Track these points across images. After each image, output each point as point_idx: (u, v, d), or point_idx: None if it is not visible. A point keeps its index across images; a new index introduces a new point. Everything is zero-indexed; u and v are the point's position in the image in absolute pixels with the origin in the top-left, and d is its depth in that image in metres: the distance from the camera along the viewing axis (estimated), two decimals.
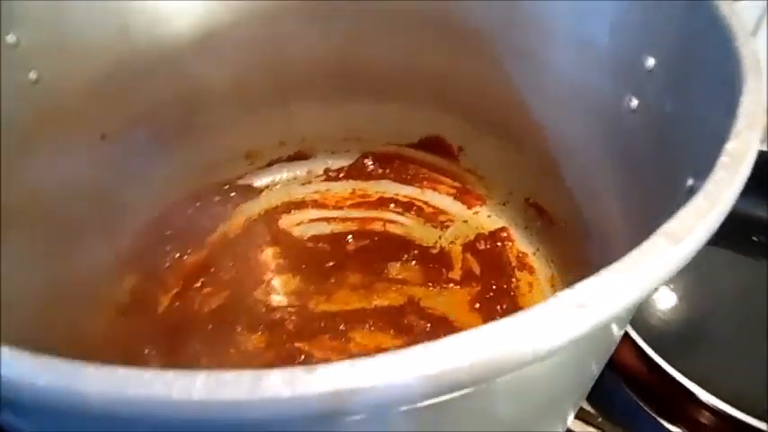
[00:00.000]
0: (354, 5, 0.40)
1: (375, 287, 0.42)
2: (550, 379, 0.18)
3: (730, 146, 0.17)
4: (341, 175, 0.50)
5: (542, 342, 0.13)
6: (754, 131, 0.17)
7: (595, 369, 0.23)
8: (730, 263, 0.45)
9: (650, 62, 0.28)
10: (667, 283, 0.44)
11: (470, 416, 0.17)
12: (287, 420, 0.13)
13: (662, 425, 0.37)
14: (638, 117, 0.30)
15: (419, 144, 0.48)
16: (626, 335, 0.36)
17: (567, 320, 0.13)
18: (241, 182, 0.49)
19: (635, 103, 0.30)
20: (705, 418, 0.34)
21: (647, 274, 0.14)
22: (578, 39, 0.32)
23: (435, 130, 0.47)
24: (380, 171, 0.50)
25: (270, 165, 0.50)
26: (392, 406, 0.13)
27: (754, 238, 0.46)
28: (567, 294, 0.13)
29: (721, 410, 0.32)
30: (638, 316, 0.41)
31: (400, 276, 0.43)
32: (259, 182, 0.50)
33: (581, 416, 0.37)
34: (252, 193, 0.49)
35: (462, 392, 0.14)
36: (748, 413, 0.33)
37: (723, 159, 0.16)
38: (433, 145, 0.48)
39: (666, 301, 0.43)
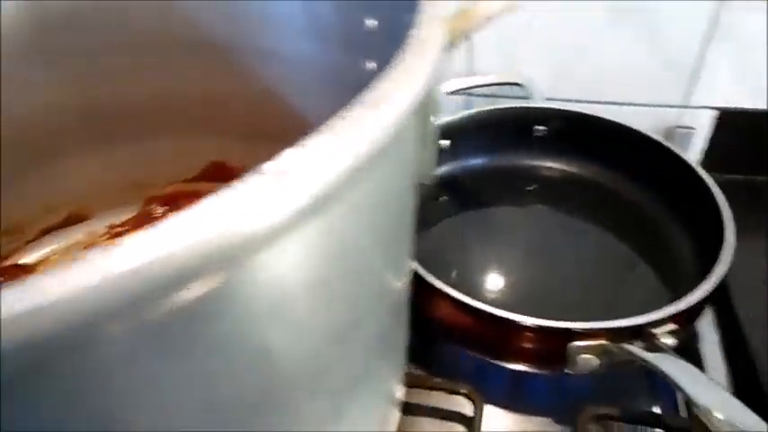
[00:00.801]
0: (87, 41, 0.38)
1: None
2: (312, 306, 0.18)
3: (412, 33, 0.18)
4: (127, 228, 0.46)
5: (248, 217, 0.12)
6: (434, 25, 0.19)
7: (373, 310, 0.22)
8: (517, 216, 0.50)
9: (372, 24, 0.30)
10: (474, 248, 0.47)
11: (238, 348, 0.15)
12: None
13: (498, 365, 0.39)
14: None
15: (202, 175, 0.47)
16: (440, 292, 0.37)
17: (270, 191, 0.13)
18: (8, 263, 0.43)
19: (372, 65, 0.31)
20: (531, 341, 0.36)
21: (350, 140, 0.14)
22: (309, 24, 0.34)
23: (215, 156, 0.46)
24: (169, 213, 0.47)
25: (40, 236, 0.44)
26: (92, 325, 0.11)
27: (528, 188, 0.51)
28: (267, 166, 0.13)
29: (545, 326, 0.34)
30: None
31: None
32: (30, 257, 0.44)
33: (418, 383, 0.37)
34: (23, 271, 0.43)
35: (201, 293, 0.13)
36: None
37: (409, 43, 0.18)
38: (217, 172, 0.47)
39: (476, 265, 0.46)
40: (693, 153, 0.55)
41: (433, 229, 0.48)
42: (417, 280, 0.37)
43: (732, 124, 0.54)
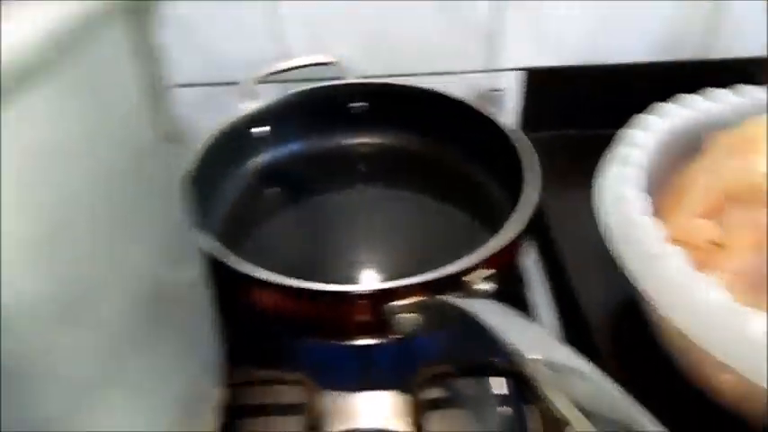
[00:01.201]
0: None
1: None
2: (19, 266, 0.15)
3: None
4: None
5: None
6: None
7: (118, 292, 0.19)
8: (342, 195, 0.49)
9: None
10: (301, 233, 0.45)
11: None
12: None
13: (332, 345, 0.37)
14: None
15: None
16: (258, 280, 0.34)
17: None
18: None
19: None
20: (353, 313, 0.34)
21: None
22: None
23: None
24: None
25: None
26: None
27: (350, 165, 0.51)
28: None
29: (358, 293, 0.33)
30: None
31: None
32: None
33: (245, 380, 0.35)
34: None
35: None
36: None
37: None
38: None
39: (304, 250, 0.44)
40: (508, 114, 0.57)
41: (260, 220, 0.46)
42: (233, 273, 0.34)
43: (540, 82, 0.56)
